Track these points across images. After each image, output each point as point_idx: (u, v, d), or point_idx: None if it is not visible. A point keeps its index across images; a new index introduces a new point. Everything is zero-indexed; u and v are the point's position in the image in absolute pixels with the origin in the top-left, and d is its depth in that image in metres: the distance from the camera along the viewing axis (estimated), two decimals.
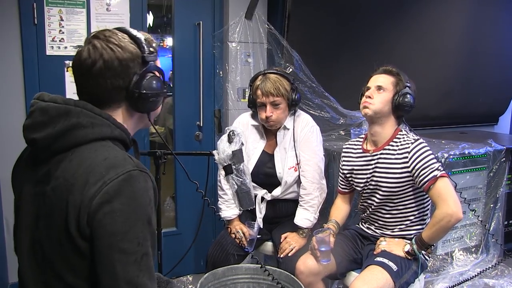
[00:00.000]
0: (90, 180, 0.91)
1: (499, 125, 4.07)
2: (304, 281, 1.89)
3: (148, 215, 0.94)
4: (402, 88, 1.90)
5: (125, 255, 0.90)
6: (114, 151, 0.98)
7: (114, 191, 0.90)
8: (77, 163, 0.94)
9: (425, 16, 3.25)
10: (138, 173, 0.94)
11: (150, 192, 0.96)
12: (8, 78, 2.34)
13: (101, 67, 0.99)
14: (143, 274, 0.92)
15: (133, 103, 1.05)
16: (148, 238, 0.94)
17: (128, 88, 1.03)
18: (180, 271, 2.86)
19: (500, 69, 3.78)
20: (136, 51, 1.03)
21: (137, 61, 1.03)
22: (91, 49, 1.00)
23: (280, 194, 2.21)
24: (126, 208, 0.91)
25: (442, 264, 2.69)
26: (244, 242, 2.12)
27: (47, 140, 0.96)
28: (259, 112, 2.16)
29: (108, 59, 0.99)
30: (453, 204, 1.74)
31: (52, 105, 0.98)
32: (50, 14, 2.38)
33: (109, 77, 1.00)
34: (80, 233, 0.91)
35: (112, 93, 1.02)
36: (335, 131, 2.88)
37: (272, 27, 2.78)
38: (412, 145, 1.87)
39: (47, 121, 0.97)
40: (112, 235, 0.89)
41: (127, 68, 1.02)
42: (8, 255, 2.42)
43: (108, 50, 1.00)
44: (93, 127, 0.97)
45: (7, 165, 2.36)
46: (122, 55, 1.01)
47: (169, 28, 2.78)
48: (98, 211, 0.89)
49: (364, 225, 2.12)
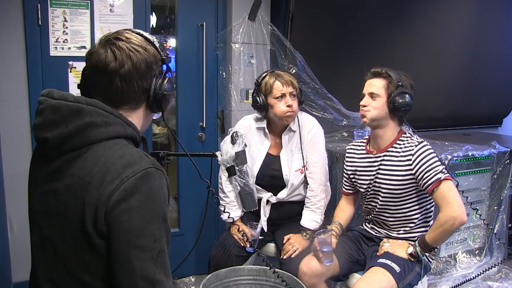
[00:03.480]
0: (107, 178, 0.91)
1: (503, 127, 4.06)
2: (307, 283, 1.89)
3: (163, 212, 0.95)
4: (394, 89, 1.87)
5: (142, 251, 0.91)
6: (129, 149, 0.98)
7: (132, 189, 0.91)
8: (93, 162, 0.94)
9: (429, 18, 3.25)
10: (155, 170, 0.95)
11: (165, 190, 0.97)
12: (12, 79, 2.35)
13: (130, 69, 1.01)
14: (160, 271, 0.93)
15: (153, 103, 1.07)
16: (163, 235, 0.95)
17: (149, 89, 1.06)
18: (182, 272, 2.86)
19: (504, 70, 3.77)
20: (156, 53, 1.07)
21: (158, 63, 1.07)
22: (116, 51, 1.01)
23: (285, 196, 2.21)
24: (143, 205, 0.92)
25: (446, 266, 2.68)
26: (246, 243, 2.12)
27: (60, 139, 0.96)
28: (276, 106, 2.11)
29: (136, 61, 1.01)
30: (457, 207, 1.73)
31: (63, 103, 0.97)
32: (54, 15, 2.39)
33: (136, 78, 1.02)
34: (96, 230, 0.91)
35: (136, 94, 1.04)
36: (338, 133, 2.87)
37: (275, 28, 2.79)
38: (416, 147, 1.86)
39: (58, 120, 0.96)
40: (129, 232, 0.90)
41: (151, 70, 1.05)
42: (11, 254, 2.42)
43: (135, 52, 1.02)
44: (106, 126, 0.97)
45: (11, 165, 2.39)
46: (149, 57, 1.04)
47: (172, 29, 2.79)
48: (115, 208, 0.90)
49: (368, 225, 2.12)
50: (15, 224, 2.42)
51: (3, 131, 2.36)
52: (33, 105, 2.40)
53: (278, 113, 2.12)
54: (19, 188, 2.51)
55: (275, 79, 2.11)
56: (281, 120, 2.16)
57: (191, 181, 2.82)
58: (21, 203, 2.47)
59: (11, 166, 2.39)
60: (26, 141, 2.40)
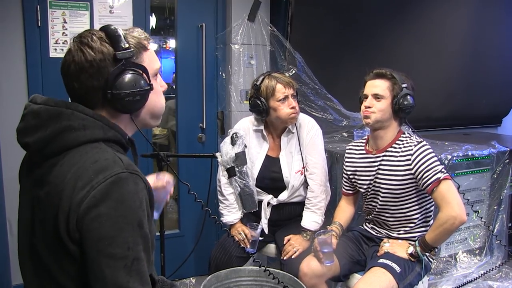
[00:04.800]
0: (78, 184, 0.89)
1: (503, 126, 4.06)
2: (308, 283, 1.88)
3: (138, 218, 0.91)
4: (399, 91, 1.87)
5: (114, 260, 0.88)
6: (105, 153, 0.95)
7: (101, 195, 0.88)
8: (67, 168, 0.92)
9: (429, 18, 3.25)
10: (127, 175, 0.91)
11: (141, 194, 0.93)
12: (12, 80, 2.35)
13: (74, 70, 0.98)
14: (134, 280, 0.90)
15: (111, 104, 1.00)
16: (139, 242, 0.92)
17: (103, 89, 0.99)
18: (183, 273, 2.85)
19: (503, 70, 3.77)
20: (108, 50, 0.98)
21: (109, 60, 0.98)
22: (67, 52, 1.00)
23: (286, 198, 2.21)
24: (113, 212, 0.88)
25: (446, 266, 2.68)
26: (246, 244, 2.12)
27: (39, 143, 0.95)
28: (280, 109, 2.10)
29: (78, 61, 0.97)
30: (457, 207, 1.73)
31: (44, 107, 0.96)
32: (53, 16, 2.39)
33: (83, 79, 0.98)
34: (70, 237, 0.90)
35: (90, 95, 0.99)
36: (338, 133, 2.87)
37: (275, 29, 2.79)
38: (415, 147, 1.86)
39: (39, 125, 0.95)
40: (100, 240, 0.88)
41: (99, 68, 0.98)
42: (11, 256, 2.42)
43: (78, 52, 0.98)
44: (84, 129, 0.95)
45: (10, 168, 2.38)
46: (92, 55, 0.97)
47: (172, 30, 2.79)
48: (86, 215, 0.87)
49: (368, 225, 2.12)
50: (14, 226, 2.41)
51: (2, 133, 2.36)
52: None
53: (283, 115, 2.11)
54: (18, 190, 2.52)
55: (276, 82, 2.10)
56: (284, 123, 2.16)
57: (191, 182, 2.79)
58: None
59: (11, 168, 2.38)
60: None
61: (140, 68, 1.03)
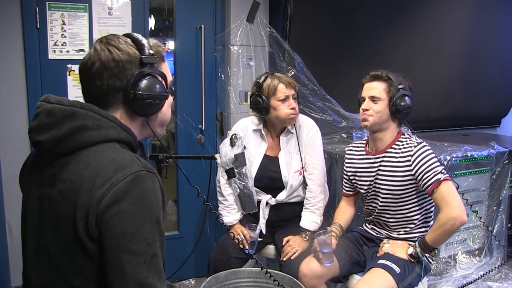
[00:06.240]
0: (97, 181, 0.91)
1: (502, 127, 4.06)
2: (308, 284, 1.88)
3: (156, 216, 0.94)
4: (396, 92, 1.87)
5: (134, 256, 0.90)
6: (121, 152, 0.97)
7: (122, 192, 0.90)
8: (84, 166, 0.94)
9: (427, 18, 3.25)
10: (146, 173, 0.94)
11: (158, 193, 0.96)
12: (11, 82, 2.35)
13: (98, 68, 1.00)
14: (153, 275, 0.92)
15: (130, 104, 1.03)
16: (157, 238, 0.94)
17: (125, 89, 1.02)
18: (182, 274, 2.85)
19: (503, 71, 3.78)
20: (134, 53, 1.03)
21: (135, 63, 1.03)
22: (92, 52, 1.02)
23: (285, 198, 2.21)
24: (134, 208, 0.91)
25: (445, 267, 2.68)
26: (245, 244, 2.12)
27: (52, 142, 0.96)
28: (280, 108, 2.11)
29: (105, 60, 1.00)
30: (457, 208, 1.73)
31: (58, 107, 0.98)
32: (52, 18, 2.39)
33: (106, 77, 1.00)
34: (88, 235, 0.91)
35: (110, 94, 1.02)
36: (337, 134, 2.87)
37: (273, 30, 2.79)
38: (415, 148, 1.86)
39: (52, 123, 0.97)
40: (121, 236, 0.89)
41: (124, 69, 1.01)
42: (10, 258, 2.42)
43: (106, 51, 1.01)
44: (99, 129, 0.97)
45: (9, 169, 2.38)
46: (119, 56, 1.01)
47: (170, 31, 2.79)
48: (106, 212, 0.89)
49: (368, 226, 2.12)
50: (14, 228, 2.41)
51: (1, 135, 2.36)
52: (32, 108, 2.40)
53: (282, 115, 2.12)
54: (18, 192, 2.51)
55: (279, 81, 2.11)
56: (283, 123, 2.16)
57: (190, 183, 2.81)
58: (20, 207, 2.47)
59: (10, 169, 2.38)
60: (25, 144, 2.40)
61: (161, 75, 1.08)
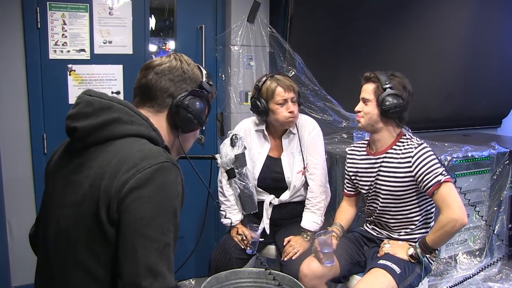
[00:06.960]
0: (124, 167, 0.94)
1: (502, 127, 4.06)
2: (308, 284, 1.88)
3: (174, 207, 0.97)
4: (381, 92, 1.87)
5: (149, 241, 0.92)
6: (150, 145, 1.02)
7: (146, 179, 0.93)
8: (113, 154, 0.98)
9: (428, 18, 3.25)
10: (171, 165, 0.98)
11: (179, 187, 1.00)
12: (12, 82, 2.35)
13: (165, 68, 1.12)
14: (163, 264, 0.93)
15: (173, 114, 1.12)
16: (171, 229, 0.96)
17: (175, 97, 1.12)
18: (183, 274, 2.86)
19: (503, 71, 3.77)
20: (198, 75, 1.16)
21: (195, 82, 1.15)
22: (165, 57, 1.15)
23: (288, 198, 2.21)
24: (155, 196, 0.94)
25: (446, 267, 2.68)
26: (246, 245, 2.12)
27: (87, 130, 1.01)
28: (278, 112, 2.11)
29: (174, 65, 1.13)
30: (458, 209, 1.73)
31: (97, 99, 1.04)
32: (53, 18, 2.39)
33: (166, 78, 1.11)
34: (109, 218, 0.93)
35: (160, 94, 1.11)
36: (337, 134, 2.87)
37: (274, 30, 2.79)
38: (415, 149, 1.86)
39: (90, 113, 1.02)
40: (138, 220, 0.92)
41: (184, 81, 1.13)
42: (10, 258, 2.42)
43: (177, 60, 1.14)
44: (132, 124, 1.03)
45: (10, 169, 2.38)
46: (187, 68, 1.14)
47: (171, 31, 2.79)
48: (127, 196, 0.92)
49: (369, 226, 2.12)
50: (14, 228, 2.41)
51: (2, 134, 2.36)
52: (32, 108, 2.40)
53: (280, 119, 2.12)
54: (19, 192, 2.52)
55: (277, 85, 2.10)
56: (281, 125, 2.17)
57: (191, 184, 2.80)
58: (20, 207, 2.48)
59: (11, 169, 2.38)
60: (26, 145, 2.40)
61: (208, 104, 1.19)
